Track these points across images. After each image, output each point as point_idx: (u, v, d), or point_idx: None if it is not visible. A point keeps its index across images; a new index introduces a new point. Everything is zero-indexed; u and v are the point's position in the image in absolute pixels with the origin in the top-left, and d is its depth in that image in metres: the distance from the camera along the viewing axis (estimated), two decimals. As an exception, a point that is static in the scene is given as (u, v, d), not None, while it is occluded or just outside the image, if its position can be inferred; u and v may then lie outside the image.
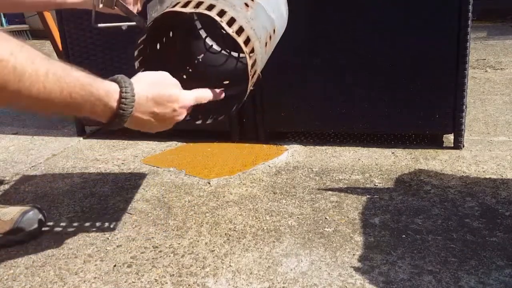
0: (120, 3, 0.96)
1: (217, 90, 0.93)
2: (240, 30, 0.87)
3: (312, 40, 1.50)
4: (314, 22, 1.48)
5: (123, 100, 0.75)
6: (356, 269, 0.92)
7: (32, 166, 1.54)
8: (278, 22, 1.03)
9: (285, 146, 1.59)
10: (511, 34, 3.41)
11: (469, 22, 1.38)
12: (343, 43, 1.48)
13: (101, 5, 0.98)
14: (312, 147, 1.57)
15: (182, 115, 0.85)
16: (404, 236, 1.03)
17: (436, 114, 1.46)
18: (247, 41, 0.87)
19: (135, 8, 1.07)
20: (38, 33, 4.58)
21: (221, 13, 0.85)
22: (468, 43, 1.39)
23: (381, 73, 1.47)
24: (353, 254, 0.97)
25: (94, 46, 1.68)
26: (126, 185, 1.36)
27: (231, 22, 0.86)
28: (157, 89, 0.80)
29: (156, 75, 0.83)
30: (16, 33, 4.75)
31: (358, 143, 1.58)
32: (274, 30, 1.00)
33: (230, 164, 1.46)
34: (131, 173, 1.44)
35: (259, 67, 0.95)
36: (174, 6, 0.87)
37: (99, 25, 1.01)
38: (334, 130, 1.61)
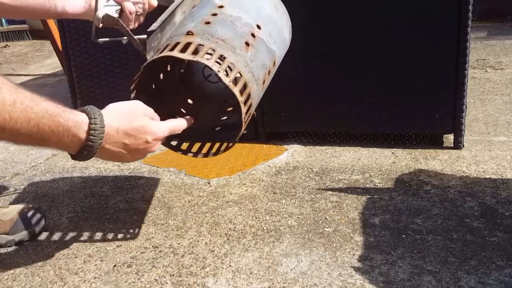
0: (120, 24, 0.95)
1: (189, 117, 0.94)
2: (238, 76, 0.88)
3: (312, 40, 1.50)
4: (313, 22, 1.48)
5: (92, 132, 0.73)
6: (356, 269, 0.92)
7: (32, 166, 1.54)
8: (280, 51, 1.04)
9: (285, 146, 1.59)
10: (511, 34, 3.41)
11: (469, 22, 1.38)
12: (342, 43, 1.48)
13: (101, 25, 0.98)
14: (312, 147, 1.57)
15: (155, 146, 0.84)
16: (404, 236, 1.03)
17: (436, 114, 1.46)
18: (244, 88, 0.89)
19: (136, 24, 1.06)
20: (38, 33, 4.57)
21: (221, 58, 0.87)
22: (468, 43, 1.39)
23: (381, 73, 1.47)
24: (353, 254, 0.97)
25: (94, 46, 1.68)
26: (126, 185, 1.36)
27: (230, 67, 0.87)
28: (127, 121, 0.79)
29: (128, 106, 0.81)
30: (16, 33, 4.75)
31: (358, 143, 1.58)
32: (274, 63, 1.01)
33: (230, 164, 1.46)
34: (131, 173, 1.44)
35: (254, 106, 0.96)
36: (173, 48, 0.86)
37: (99, 40, 1.01)
38: (334, 130, 1.60)
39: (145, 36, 0.91)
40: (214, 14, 0.93)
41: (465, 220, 1.08)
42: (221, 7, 0.95)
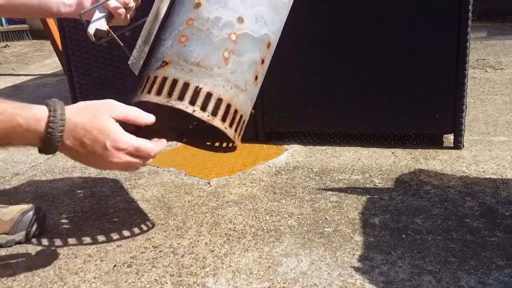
0: (112, 34, 0.97)
1: (164, 141, 0.90)
2: (218, 101, 0.88)
3: (312, 40, 1.50)
4: (313, 23, 1.48)
5: (51, 124, 0.72)
6: (356, 269, 0.92)
7: (32, 166, 1.54)
8: (276, 25, 0.97)
9: (285, 146, 1.59)
10: (511, 34, 3.41)
11: (469, 22, 1.38)
12: (342, 44, 1.48)
13: (96, 41, 0.98)
14: (312, 147, 1.57)
15: (115, 158, 0.77)
16: (404, 236, 1.03)
17: (436, 114, 1.46)
18: (227, 109, 0.89)
19: (133, 14, 1.06)
20: (38, 33, 4.57)
21: (197, 91, 0.87)
22: (468, 43, 1.39)
23: (381, 73, 1.47)
24: (353, 254, 0.97)
25: (94, 46, 1.67)
26: (126, 185, 1.36)
27: (208, 95, 0.88)
28: (89, 117, 0.74)
29: (96, 103, 0.77)
30: (16, 33, 4.75)
31: (358, 143, 1.58)
32: (269, 45, 0.96)
33: (230, 164, 1.46)
34: (131, 173, 1.44)
35: (247, 112, 0.96)
36: (150, 89, 0.88)
37: (100, 41, 1.01)
38: (334, 130, 1.61)
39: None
40: (190, 21, 0.90)
41: (465, 220, 1.08)
42: (198, 5, 0.91)
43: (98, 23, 0.97)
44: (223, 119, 0.89)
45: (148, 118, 0.83)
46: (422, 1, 1.39)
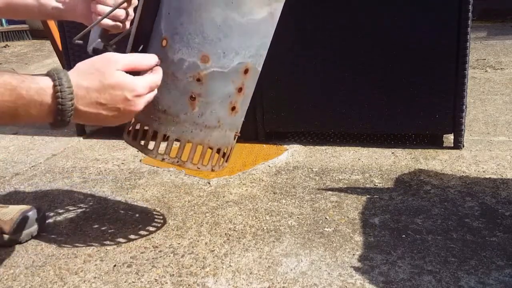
0: (108, 49, 0.97)
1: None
2: (188, 145, 0.90)
3: (312, 40, 1.50)
4: (313, 23, 1.48)
5: (58, 94, 0.67)
6: (356, 269, 0.92)
7: (32, 166, 1.54)
8: (253, 48, 0.88)
9: (285, 146, 1.59)
10: (511, 34, 3.41)
11: (469, 22, 1.38)
12: (342, 43, 1.48)
13: (90, 52, 0.98)
14: (312, 147, 1.57)
15: (138, 104, 0.75)
16: (404, 236, 1.03)
17: (436, 114, 1.46)
18: (194, 149, 0.90)
19: (129, 20, 1.04)
20: (38, 33, 4.56)
21: (165, 138, 0.89)
22: (468, 43, 1.39)
23: (381, 73, 1.47)
24: (353, 254, 0.97)
25: (94, 46, 1.67)
26: (126, 185, 1.36)
27: (177, 140, 0.90)
28: (98, 78, 0.71)
29: (98, 61, 0.73)
30: (16, 33, 4.75)
31: (358, 143, 1.58)
32: (246, 71, 0.89)
33: (230, 164, 1.46)
34: (131, 173, 1.44)
35: (228, 142, 0.96)
36: (129, 132, 0.93)
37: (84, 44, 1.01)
38: (334, 130, 1.61)
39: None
40: (159, 62, 0.86)
41: (465, 220, 1.08)
42: (165, 43, 0.85)
43: (95, 43, 0.98)
44: (195, 161, 0.91)
45: (152, 59, 0.80)
46: (422, 1, 1.39)
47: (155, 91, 0.80)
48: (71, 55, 1.71)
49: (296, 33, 1.49)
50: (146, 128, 0.91)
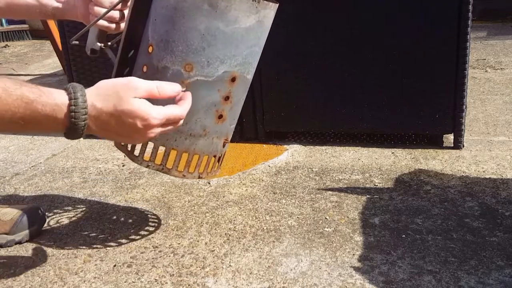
0: (105, 51, 0.99)
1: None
2: (173, 153, 0.89)
3: (312, 40, 1.50)
4: (313, 23, 1.48)
5: (72, 114, 0.69)
6: (356, 269, 0.92)
7: (32, 166, 1.54)
8: (240, 56, 0.87)
9: (285, 146, 1.59)
10: (511, 34, 3.41)
11: (469, 22, 1.38)
12: (342, 44, 1.48)
13: (88, 53, 0.98)
14: (312, 147, 1.57)
15: (150, 133, 0.74)
16: (404, 236, 1.03)
17: (436, 114, 1.46)
18: (179, 157, 0.90)
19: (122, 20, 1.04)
20: (38, 33, 4.56)
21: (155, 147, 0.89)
22: (468, 43, 1.39)
23: (381, 73, 1.47)
24: (353, 254, 0.97)
25: (94, 46, 1.67)
26: (126, 185, 1.36)
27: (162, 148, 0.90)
28: (113, 102, 0.71)
29: (117, 84, 0.73)
30: (16, 33, 4.75)
31: (358, 143, 1.58)
32: (233, 78, 0.87)
33: (230, 164, 1.46)
34: (131, 173, 1.44)
35: (216, 149, 0.94)
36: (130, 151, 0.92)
37: (75, 42, 1.02)
38: (334, 130, 1.61)
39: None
40: (145, 68, 0.86)
41: (465, 220, 1.08)
42: (151, 49, 0.85)
43: (92, 44, 0.99)
44: (180, 168, 0.91)
45: (172, 89, 0.78)
46: (422, 1, 1.39)
47: (179, 123, 0.78)
48: (71, 55, 1.71)
49: (296, 33, 1.49)
50: None
